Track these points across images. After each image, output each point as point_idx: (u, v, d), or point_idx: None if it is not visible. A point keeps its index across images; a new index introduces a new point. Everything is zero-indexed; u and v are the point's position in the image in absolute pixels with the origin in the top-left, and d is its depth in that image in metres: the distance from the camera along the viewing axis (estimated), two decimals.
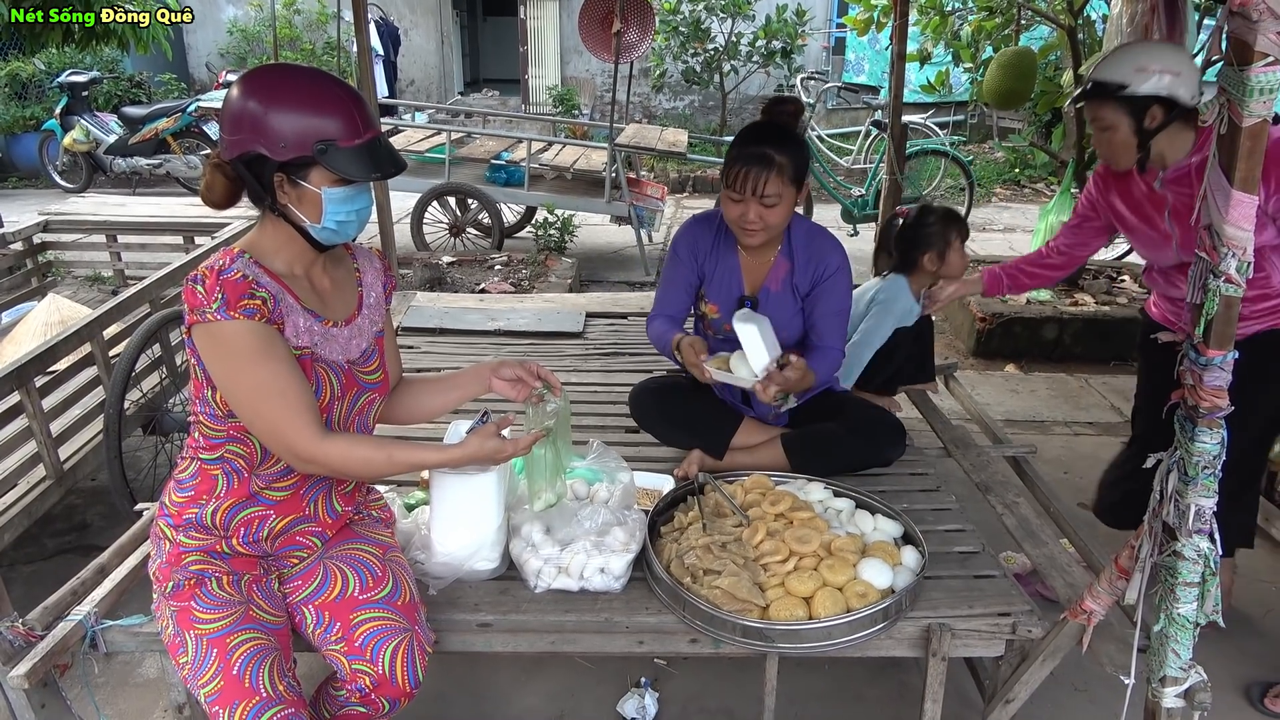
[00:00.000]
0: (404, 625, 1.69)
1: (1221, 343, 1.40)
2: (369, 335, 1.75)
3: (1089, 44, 4.84)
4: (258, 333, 1.50)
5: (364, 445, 1.61)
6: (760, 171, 2.16)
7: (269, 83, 1.51)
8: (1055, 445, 3.70)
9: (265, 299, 1.52)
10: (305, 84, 1.51)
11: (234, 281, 1.49)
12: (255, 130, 1.48)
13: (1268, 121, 1.26)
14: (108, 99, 9.43)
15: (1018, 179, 9.41)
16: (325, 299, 1.68)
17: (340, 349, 1.68)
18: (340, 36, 5.58)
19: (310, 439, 1.53)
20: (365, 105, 1.56)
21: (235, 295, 1.48)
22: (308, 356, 1.61)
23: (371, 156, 1.53)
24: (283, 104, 1.48)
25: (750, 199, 2.19)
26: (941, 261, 2.84)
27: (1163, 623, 1.57)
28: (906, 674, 2.38)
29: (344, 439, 1.60)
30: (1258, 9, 1.21)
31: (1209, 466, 1.46)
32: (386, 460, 1.61)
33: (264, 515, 1.68)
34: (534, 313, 3.92)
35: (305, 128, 1.47)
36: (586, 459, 2.25)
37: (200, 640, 1.57)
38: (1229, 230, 1.33)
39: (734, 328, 2.19)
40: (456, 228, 6.42)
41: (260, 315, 1.50)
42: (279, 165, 1.49)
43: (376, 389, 1.76)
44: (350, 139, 1.50)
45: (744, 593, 1.80)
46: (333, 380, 1.65)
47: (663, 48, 9.95)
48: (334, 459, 1.56)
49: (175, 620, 1.61)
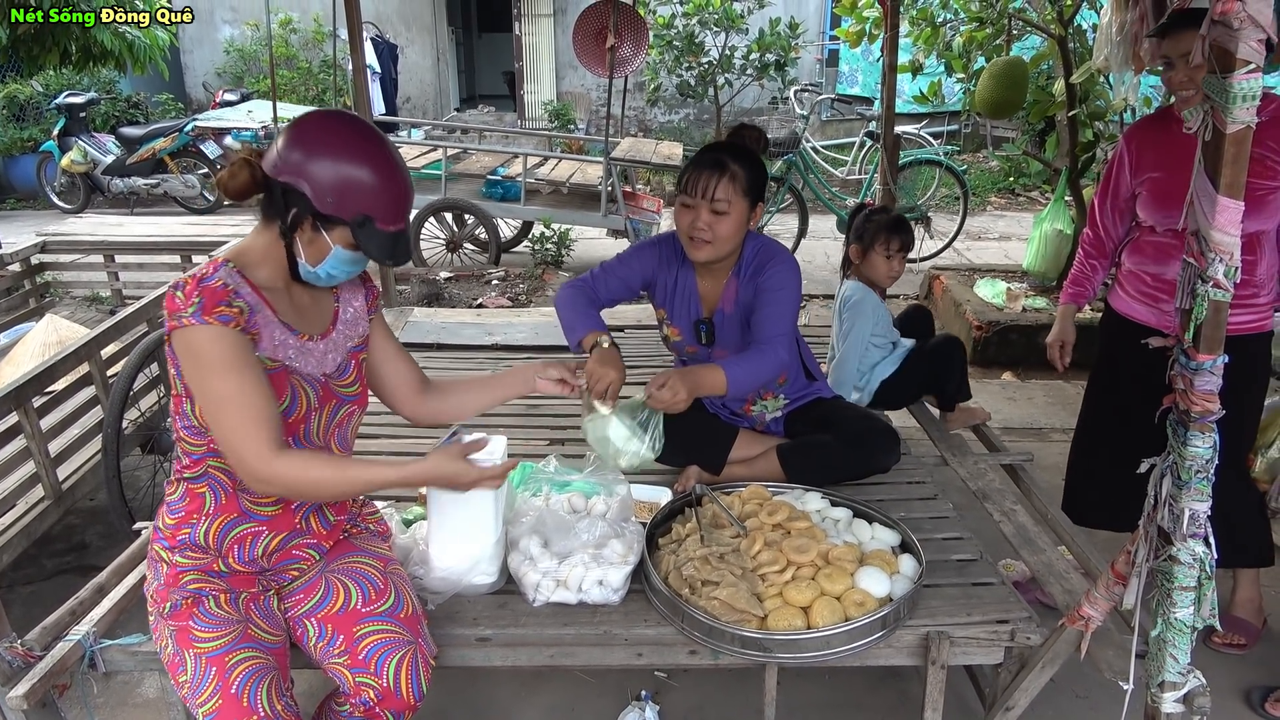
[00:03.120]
0: (407, 637, 1.69)
1: (1211, 347, 1.41)
2: (344, 350, 1.76)
3: (1080, 53, 4.87)
4: (230, 340, 1.51)
5: (318, 464, 1.57)
6: (712, 174, 2.17)
7: (350, 141, 1.55)
8: (1053, 452, 3.70)
9: (242, 308, 1.53)
10: (380, 160, 1.56)
11: (213, 288, 1.51)
12: (314, 176, 1.52)
13: (1251, 128, 1.28)
14: (105, 120, 9.47)
15: (1012, 187, 9.45)
16: (302, 313, 1.69)
17: (316, 363, 1.69)
18: (336, 54, 5.61)
19: (263, 454, 1.51)
20: (411, 199, 1.65)
21: (212, 301, 1.50)
22: (281, 369, 1.62)
23: (394, 245, 1.61)
24: (353, 168, 1.53)
25: (701, 203, 2.18)
26: (863, 257, 2.90)
27: (1160, 628, 1.58)
28: (906, 683, 2.38)
29: (299, 457, 1.56)
30: (1238, 17, 1.22)
31: (1202, 471, 1.47)
32: (341, 479, 1.59)
33: (257, 532, 1.68)
34: (531, 327, 3.93)
35: (358, 199, 1.54)
36: (584, 472, 2.25)
37: (199, 659, 1.57)
38: (1216, 236, 1.34)
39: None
40: (453, 243, 6.45)
41: (235, 324, 1.51)
42: (313, 209, 1.54)
43: (355, 401, 1.77)
44: (388, 224, 1.58)
45: (742, 603, 1.80)
46: (309, 393, 1.66)
47: (657, 62, 9.99)
48: (286, 477, 1.53)
49: (174, 640, 1.61)
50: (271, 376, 1.59)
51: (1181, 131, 2.23)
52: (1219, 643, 2.50)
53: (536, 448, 2.74)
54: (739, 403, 2.53)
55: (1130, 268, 2.51)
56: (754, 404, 2.51)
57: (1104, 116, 4.88)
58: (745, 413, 2.53)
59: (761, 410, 2.51)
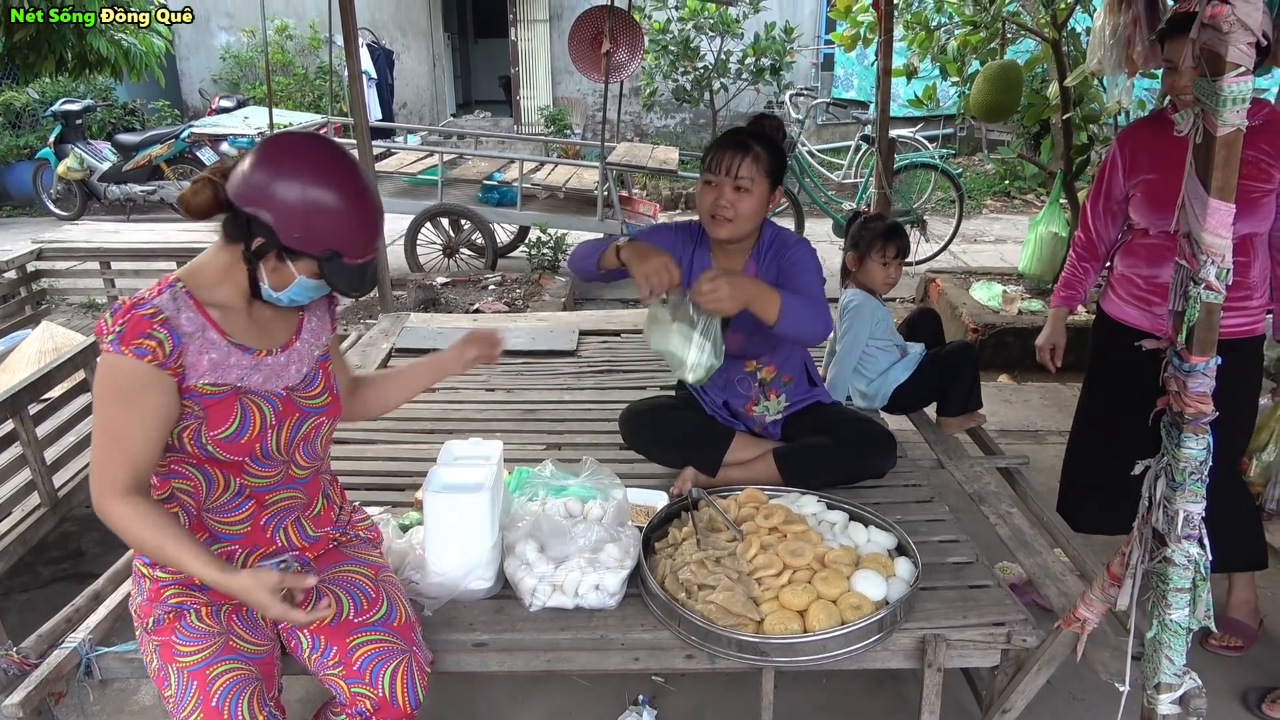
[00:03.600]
0: (401, 646, 1.68)
1: (1204, 349, 1.42)
2: (310, 359, 1.72)
3: (1073, 56, 4.89)
4: (134, 374, 1.47)
5: (143, 527, 1.50)
6: (736, 152, 2.21)
7: (318, 170, 1.49)
8: (1049, 454, 3.70)
9: (163, 342, 1.48)
10: (350, 190, 1.51)
11: (140, 318, 1.47)
12: (279, 208, 1.47)
13: (1241, 131, 1.28)
14: (101, 127, 9.47)
15: (1007, 190, 9.47)
16: (263, 328, 1.65)
17: (277, 377, 1.65)
18: (332, 61, 5.62)
19: (106, 490, 1.49)
20: (381, 227, 1.60)
21: (133, 332, 1.46)
22: (229, 393, 1.58)
23: (362, 276, 1.57)
24: (321, 200, 1.48)
25: (725, 180, 2.22)
26: (860, 265, 2.92)
27: (1156, 629, 1.58)
28: (904, 685, 2.38)
29: (134, 509, 1.50)
30: (1228, 21, 1.23)
31: (1196, 472, 1.48)
32: (156, 550, 1.52)
33: (230, 551, 1.67)
34: (527, 331, 3.93)
35: (326, 233, 1.50)
36: (580, 476, 2.25)
37: (181, 673, 1.57)
38: (1208, 238, 1.35)
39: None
40: (450, 248, 6.45)
41: (151, 358, 1.47)
42: (278, 240, 1.49)
43: (323, 412, 1.72)
44: (356, 257, 1.54)
45: (738, 607, 1.80)
46: (264, 410, 1.61)
47: (653, 66, 10.01)
48: (114, 520, 1.51)
49: (158, 654, 1.61)
50: (216, 402, 1.56)
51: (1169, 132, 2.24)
52: (1215, 644, 2.51)
53: (533, 452, 2.74)
54: (742, 400, 2.53)
55: (1122, 271, 2.52)
56: (756, 404, 2.52)
57: (1098, 119, 4.90)
58: (747, 412, 2.53)
59: (763, 411, 2.51)
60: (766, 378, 2.51)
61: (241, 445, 1.59)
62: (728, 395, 2.55)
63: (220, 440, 1.57)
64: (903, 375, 2.91)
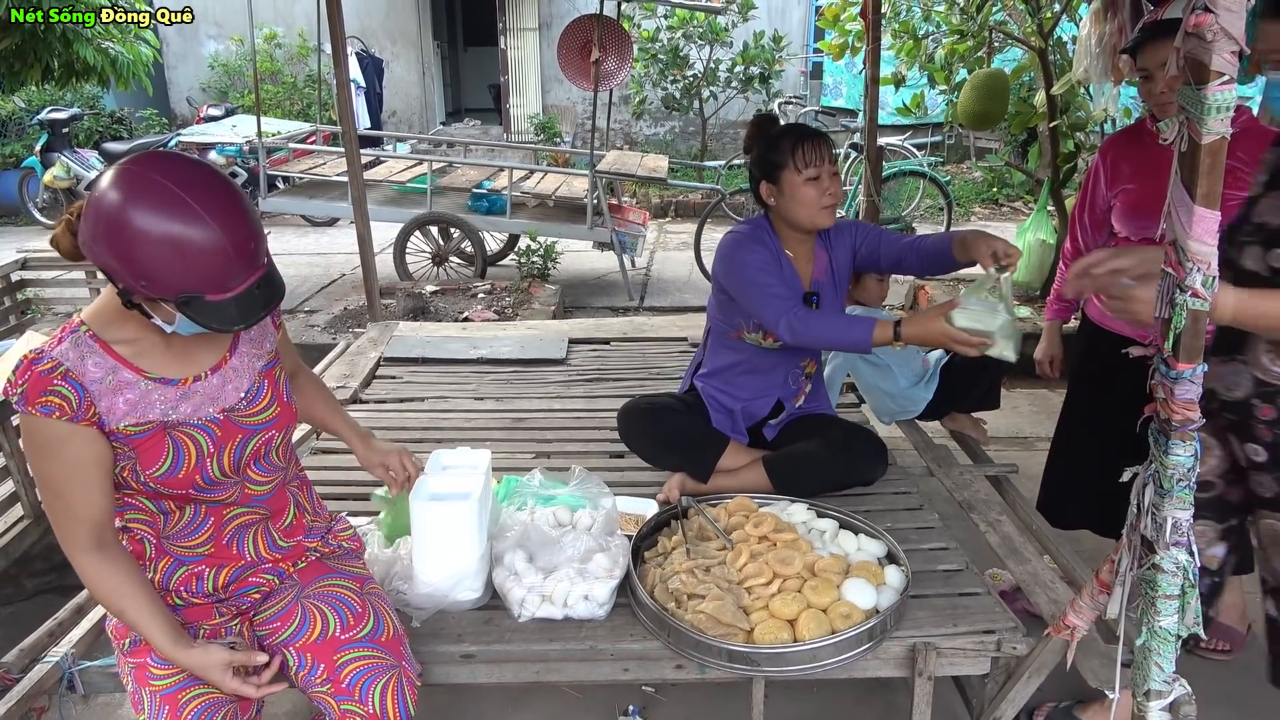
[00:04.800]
0: (390, 661, 1.66)
1: (1190, 356, 1.42)
2: (250, 373, 1.62)
3: (1060, 65, 4.92)
4: (49, 431, 1.42)
5: (105, 589, 1.49)
6: (815, 141, 2.28)
7: (149, 212, 1.29)
8: (1038, 461, 3.68)
9: (68, 397, 1.40)
10: (193, 224, 1.29)
11: (38, 375, 1.39)
12: (116, 260, 1.32)
13: (1226, 139, 1.29)
14: (89, 135, 9.42)
15: (995, 198, 9.52)
16: (185, 355, 1.54)
17: (209, 401, 1.55)
18: (321, 69, 5.61)
19: (71, 545, 1.48)
20: (251, 241, 1.36)
21: (35, 391, 1.39)
22: (155, 429, 1.49)
23: (240, 308, 1.37)
24: (155, 248, 1.29)
25: (825, 167, 2.28)
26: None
27: (1145, 636, 1.58)
28: (895, 694, 2.37)
29: (96, 567, 1.48)
30: (1211, 29, 1.23)
31: (1184, 479, 1.47)
32: (118, 613, 1.52)
33: (199, 573, 1.63)
34: (516, 340, 3.92)
35: (174, 278, 1.31)
36: (569, 485, 2.24)
37: (154, 697, 1.55)
38: (1193, 245, 1.35)
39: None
40: (439, 257, 6.43)
41: (60, 414, 1.40)
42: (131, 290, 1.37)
43: (272, 425, 1.63)
44: (220, 292, 1.34)
45: (728, 616, 1.79)
46: (199, 440, 1.53)
47: (642, 75, 10.04)
48: (80, 574, 1.50)
49: (133, 677, 1.59)
50: (143, 440, 1.49)
51: (1154, 144, 2.26)
52: (1205, 649, 2.51)
53: (522, 461, 2.73)
54: (793, 393, 2.60)
55: None
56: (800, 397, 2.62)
57: (1085, 127, 4.93)
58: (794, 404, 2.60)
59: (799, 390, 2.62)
60: (810, 372, 2.62)
61: (180, 479, 1.52)
62: (782, 392, 2.58)
63: (157, 477, 1.51)
64: (927, 394, 2.93)
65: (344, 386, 3.31)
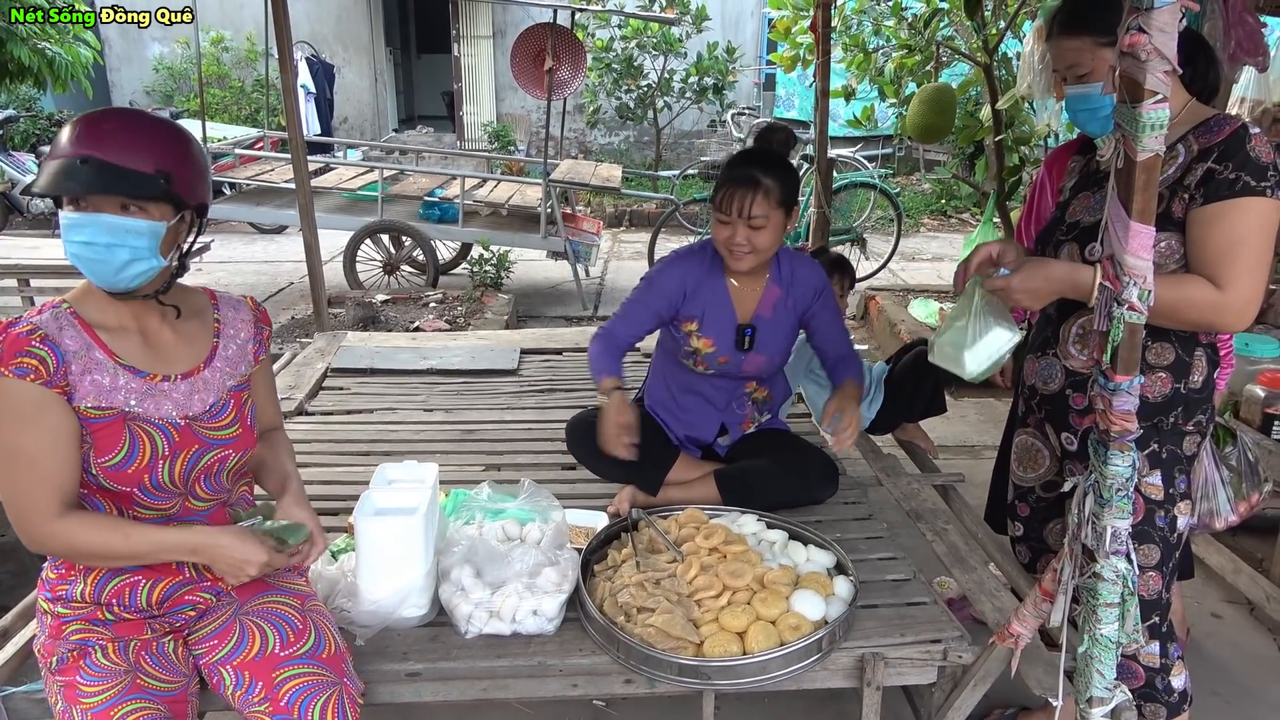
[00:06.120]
0: (331, 678, 1.62)
1: (1128, 368, 1.45)
2: (219, 389, 1.65)
3: (1005, 80, 5.02)
4: (21, 394, 1.42)
5: (98, 529, 1.49)
6: (746, 193, 2.19)
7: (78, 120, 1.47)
8: (985, 470, 3.73)
9: (45, 359, 1.44)
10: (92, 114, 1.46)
11: (16, 336, 1.43)
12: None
13: (1159, 156, 1.32)
14: (25, 138, 9.16)
15: (944, 209, 9.70)
16: (160, 352, 1.59)
17: (174, 404, 1.58)
18: (269, 74, 5.51)
19: (43, 516, 1.45)
20: (109, 123, 1.45)
21: (11, 351, 1.41)
22: (115, 417, 1.51)
23: (61, 172, 1.40)
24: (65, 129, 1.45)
25: (738, 221, 2.21)
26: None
27: (1086, 644, 1.60)
28: (846, 704, 2.38)
29: (77, 520, 1.48)
30: (1145, 49, 1.26)
31: (1122, 489, 1.50)
32: (123, 542, 1.50)
33: (134, 583, 1.60)
34: (467, 350, 3.88)
35: (56, 147, 1.44)
36: (518, 498, 2.21)
37: (85, 714, 1.49)
38: (1130, 260, 1.38)
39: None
40: (390, 265, 6.36)
41: (35, 376, 1.43)
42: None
43: (230, 444, 1.64)
44: (56, 154, 1.43)
45: (678, 630, 1.78)
46: (155, 440, 1.54)
47: (596, 84, 10.06)
48: (60, 540, 1.47)
49: (62, 696, 1.53)
50: (102, 427, 1.50)
51: None
52: None
53: (471, 473, 2.69)
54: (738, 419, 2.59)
55: None
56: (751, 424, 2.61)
57: (1029, 141, 5.04)
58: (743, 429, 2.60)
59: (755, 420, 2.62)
60: (759, 398, 2.59)
61: (129, 475, 1.52)
62: (725, 416, 2.56)
63: (106, 468, 1.51)
64: (870, 412, 2.94)
65: (289, 398, 3.24)
